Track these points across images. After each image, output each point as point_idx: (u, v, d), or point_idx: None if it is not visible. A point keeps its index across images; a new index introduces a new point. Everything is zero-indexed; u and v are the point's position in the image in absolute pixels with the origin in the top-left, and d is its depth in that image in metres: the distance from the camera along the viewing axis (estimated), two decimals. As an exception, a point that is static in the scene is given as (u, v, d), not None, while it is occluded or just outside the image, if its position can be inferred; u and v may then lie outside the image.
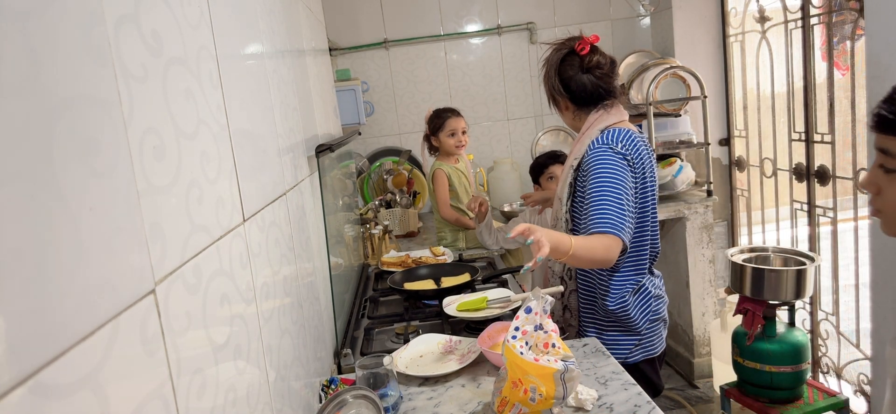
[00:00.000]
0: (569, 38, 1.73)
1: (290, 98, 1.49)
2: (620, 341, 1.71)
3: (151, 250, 0.64)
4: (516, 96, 3.74)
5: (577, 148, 1.71)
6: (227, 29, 1.02)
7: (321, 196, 1.72)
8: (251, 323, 0.95)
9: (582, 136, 1.70)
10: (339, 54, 3.55)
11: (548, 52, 1.77)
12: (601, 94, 1.69)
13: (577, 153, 1.69)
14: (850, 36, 2.49)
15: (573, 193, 1.70)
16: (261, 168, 1.13)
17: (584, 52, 1.68)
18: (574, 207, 1.70)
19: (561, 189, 1.73)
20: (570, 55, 1.71)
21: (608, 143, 1.61)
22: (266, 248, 1.10)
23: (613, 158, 1.59)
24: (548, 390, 1.15)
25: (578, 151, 1.68)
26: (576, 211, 1.69)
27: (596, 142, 1.63)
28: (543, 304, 1.22)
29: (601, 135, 1.64)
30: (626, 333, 1.71)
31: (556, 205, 1.75)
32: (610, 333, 1.72)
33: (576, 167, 1.68)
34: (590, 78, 1.68)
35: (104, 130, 0.58)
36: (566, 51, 1.71)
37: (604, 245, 1.52)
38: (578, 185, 1.68)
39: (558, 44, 1.74)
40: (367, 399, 1.17)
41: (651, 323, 1.72)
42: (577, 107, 1.73)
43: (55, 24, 0.52)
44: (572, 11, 3.64)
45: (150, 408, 0.60)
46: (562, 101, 1.75)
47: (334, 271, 1.76)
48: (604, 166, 1.59)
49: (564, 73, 1.71)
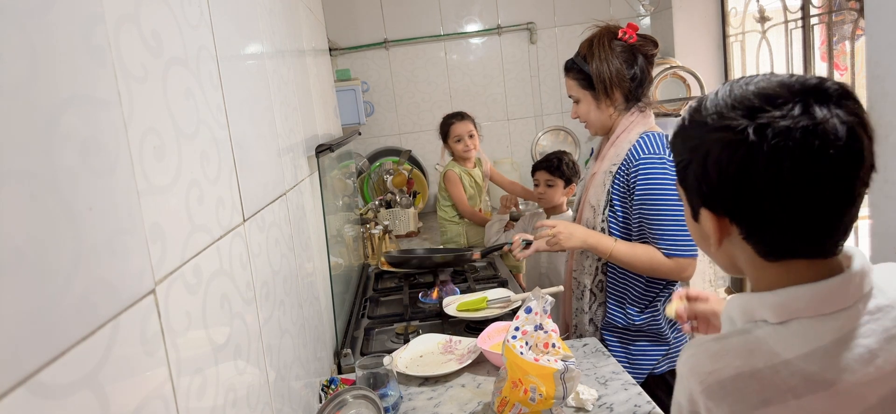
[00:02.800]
0: (606, 27, 1.61)
1: (290, 98, 1.49)
2: (649, 352, 1.62)
3: (151, 250, 0.64)
4: (516, 96, 3.74)
5: (611, 152, 1.59)
6: (228, 29, 1.02)
7: (321, 196, 1.72)
8: (251, 323, 0.95)
9: (617, 140, 1.59)
10: (339, 54, 3.55)
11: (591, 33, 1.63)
12: (644, 90, 1.60)
13: (612, 158, 1.58)
14: (850, 36, 2.49)
15: (610, 202, 1.58)
16: (261, 168, 1.13)
17: (632, 40, 1.56)
18: (613, 216, 1.58)
19: (595, 197, 1.61)
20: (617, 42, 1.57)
21: (662, 153, 1.51)
22: (266, 248, 1.10)
23: (671, 168, 1.48)
24: (548, 390, 1.15)
25: (615, 156, 1.57)
26: (614, 220, 1.58)
27: (645, 149, 1.52)
28: (543, 304, 1.21)
29: (647, 142, 1.53)
30: (655, 343, 1.62)
31: (588, 213, 1.63)
32: (638, 345, 1.62)
33: (614, 173, 1.57)
34: (642, 67, 1.58)
35: (104, 130, 0.58)
36: (612, 37, 1.58)
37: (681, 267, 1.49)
38: (618, 192, 1.57)
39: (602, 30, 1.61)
40: (367, 399, 1.17)
41: (678, 331, 1.65)
42: (626, 102, 1.60)
43: (55, 24, 0.52)
44: (572, 11, 3.64)
45: (150, 408, 0.60)
46: (617, 93, 1.59)
47: (334, 271, 1.76)
48: (665, 178, 1.49)
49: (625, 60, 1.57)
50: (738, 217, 0.67)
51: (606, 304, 1.66)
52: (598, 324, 1.68)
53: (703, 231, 0.73)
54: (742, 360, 0.64)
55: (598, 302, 1.67)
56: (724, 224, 0.69)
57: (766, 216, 0.65)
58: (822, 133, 0.60)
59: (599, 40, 1.60)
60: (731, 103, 0.65)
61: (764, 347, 0.64)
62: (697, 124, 0.69)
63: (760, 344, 0.65)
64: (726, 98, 0.66)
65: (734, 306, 0.73)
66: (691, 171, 0.70)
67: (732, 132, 0.63)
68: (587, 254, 1.65)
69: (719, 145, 0.65)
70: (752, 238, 0.68)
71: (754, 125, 0.62)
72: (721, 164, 0.65)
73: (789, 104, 0.62)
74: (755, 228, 0.67)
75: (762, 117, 0.62)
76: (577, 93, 1.65)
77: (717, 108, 0.66)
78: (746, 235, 0.68)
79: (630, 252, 1.53)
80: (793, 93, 0.63)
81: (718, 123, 0.65)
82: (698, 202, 0.71)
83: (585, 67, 1.61)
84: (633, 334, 1.63)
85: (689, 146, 0.70)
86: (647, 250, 1.52)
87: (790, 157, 0.60)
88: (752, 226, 0.67)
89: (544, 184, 2.39)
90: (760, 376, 0.63)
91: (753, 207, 0.65)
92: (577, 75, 1.64)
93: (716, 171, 0.66)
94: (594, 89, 1.61)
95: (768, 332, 0.66)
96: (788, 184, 0.61)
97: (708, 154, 0.66)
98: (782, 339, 0.64)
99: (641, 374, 1.62)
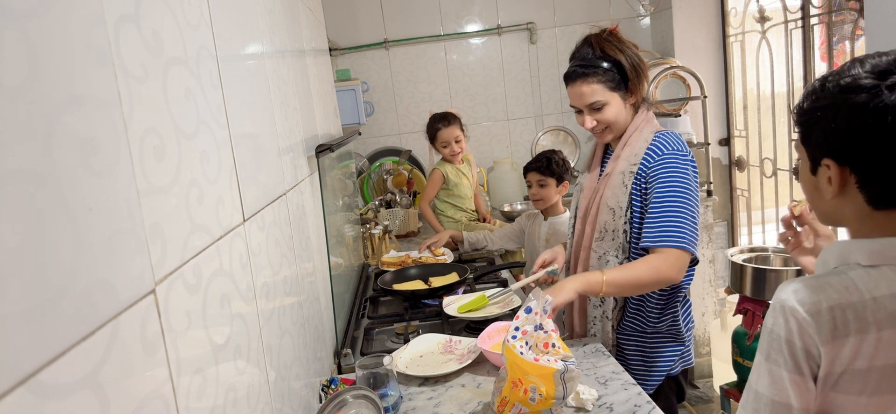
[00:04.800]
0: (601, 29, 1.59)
1: (290, 98, 1.49)
2: (667, 353, 1.59)
3: (151, 250, 0.64)
4: (516, 96, 3.74)
5: (626, 152, 1.55)
6: (227, 29, 1.02)
7: (321, 196, 1.72)
8: (251, 323, 0.95)
9: (630, 140, 1.56)
10: (339, 54, 3.55)
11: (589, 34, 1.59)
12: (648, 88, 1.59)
13: (629, 158, 1.54)
14: (850, 36, 2.49)
15: (631, 203, 1.53)
16: (261, 168, 1.13)
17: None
18: (635, 218, 1.54)
19: (613, 199, 1.56)
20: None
21: (678, 150, 1.49)
22: (266, 248, 1.10)
23: (690, 167, 1.48)
24: (548, 390, 1.15)
25: (633, 157, 1.54)
26: (638, 221, 1.53)
27: (668, 146, 1.50)
28: (543, 303, 1.22)
29: (668, 140, 1.51)
30: (674, 343, 1.60)
31: (606, 215, 1.57)
32: (657, 347, 1.59)
33: (635, 174, 1.52)
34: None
35: (104, 130, 0.58)
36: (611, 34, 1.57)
37: (669, 263, 1.43)
38: (638, 192, 1.52)
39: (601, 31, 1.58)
40: (367, 399, 1.17)
41: (690, 331, 1.64)
42: (643, 99, 1.58)
43: (55, 24, 0.52)
44: (572, 11, 3.64)
45: (150, 408, 0.60)
46: (639, 89, 1.56)
47: (334, 271, 1.76)
48: (685, 175, 1.47)
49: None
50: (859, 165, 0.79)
51: (625, 308, 1.63)
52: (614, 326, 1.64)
53: (819, 183, 0.84)
54: (838, 294, 0.77)
55: (618, 306, 1.62)
56: (845, 173, 0.80)
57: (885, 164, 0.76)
58: None
59: (615, 35, 1.56)
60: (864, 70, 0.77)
61: (858, 284, 0.77)
62: (829, 89, 0.80)
63: (855, 282, 0.77)
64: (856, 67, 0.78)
65: (831, 251, 0.85)
66: (819, 127, 0.81)
67: (866, 92, 0.75)
68: (606, 258, 1.58)
69: (851, 103, 0.77)
70: (867, 185, 0.79)
71: (886, 84, 0.74)
72: (852, 117, 0.77)
73: None
74: (872, 174, 0.78)
75: (892, 79, 0.74)
76: (603, 96, 1.54)
77: (848, 74, 0.78)
78: (861, 183, 0.79)
79: (625, 272, 1.47)
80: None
81: (852, 84, 0.77)
82: (822, 154, 0.82)
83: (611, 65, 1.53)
84: (651, 337, 1.60)
85: (820, 105, 0.81)
86: (643, 260, 1.47)
87: None
88: (870, 173, 0.78)
89: (537, 185, 2.39)
90: (853, 308, 0.75)
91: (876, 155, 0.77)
92: (603, 77, 1.53)
93: (846, 122, 0.77)
94: (623, 89, 1.55)
95: (860, 274, 0.78)
96: None
97: (839, 109, 0.78)
98: (872, 280, 0.77)
99: (659, 376, 1.59)
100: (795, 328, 0.78)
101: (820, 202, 0.87)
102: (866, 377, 0.75)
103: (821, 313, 0.76)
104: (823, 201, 0.85)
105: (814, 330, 0.76)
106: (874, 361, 0.75)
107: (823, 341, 0.76)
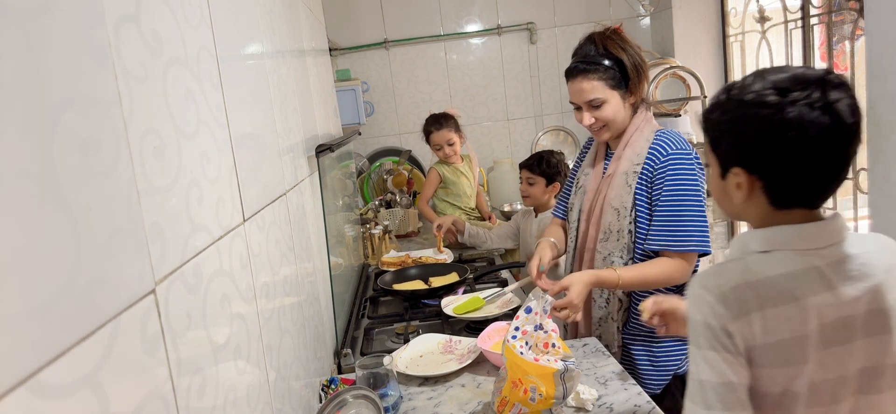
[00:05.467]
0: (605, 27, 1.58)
1: (290, 98, 1.49)
2: (675, 353, 1.58)
3: (151, 250, 0.64)
4: (516, 96, 3.74)
5: (628, 153, 1.56)
6: (228, 29, 1.02)
7: (321, 196, 1.72)
8: (251, 323, 0.95)
9: (632, 140, 1.56)
10: (339, 54, 3.55)
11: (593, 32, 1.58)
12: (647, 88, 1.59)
13: (632, 158, 1.54)
14: (850, 36, 2.49)
15: (635, 203, 1.53)
16: (261, 168, 1.13)
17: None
18: (640, 218, 1.53)
19: (617, 199, 1.55)
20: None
21: (682, 149, 1.49)
22: (266, 248, 1.10)
23: (697, 166, 1.49)
24: (548, 390, 1.15)
25: (636, 156, 1.54)
26: (643, 221, 1.53)
27: (673, 146, 1.50)
28: (543, 303, 1.21)
29: (672, 139, 1.52)
30: (680, 342, 1.57)
31: (610, 216, 1.57)
32: (663, 346, 1.58)
33: (639, 174, 1.52)
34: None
35: (104, 130, 0.58)
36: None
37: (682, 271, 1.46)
38: (642, 192, 1.52)
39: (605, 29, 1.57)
40: (367, 399, 1.17)
41: None
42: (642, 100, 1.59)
43: (55, 24, 0.52)
44: (572, 11, 3.64)
45: (150, 408, 0.60)
46: (639, 89, 1.57)
47: (334, 271, 1.76)
48: (692, 174, 1.47)
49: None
50: (766, 174, 0.87)
51: (630, 309, 1.62)
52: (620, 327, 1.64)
53: (728, 187, 0.91)
54: (737, 275, 0.85)
55: (623, 308, 1.62)
56: (753, 180, 0.88)
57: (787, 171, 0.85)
58: (835, 110, 0.80)
59: (618, 34, 1.56)
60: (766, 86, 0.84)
61: (754, 267, 0.86)
62: (736, 101, 0.87)
63: (749, 265, 0.86)
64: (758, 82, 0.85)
65: (735, 244, 0.94)
66: (728, 138, 0.89)
67: (770, 107, 0.83)
68: (610, 259, 1.57)
69: (757, 117, 0.84)
70: (771, 190, 0.87)
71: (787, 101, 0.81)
72: (759, 130, 0.84)
73: (811, 87, 0.81)
74: (776, 182, 0.86)
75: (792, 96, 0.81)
76: (603, 94, 1.54)
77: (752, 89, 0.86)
78: (767, 188, 0.87)
79: (639, 272, 1.49)
80: (810, 80, 0.82)
81: (757, 99, 0.84)
82: (732, 163, 0.90)
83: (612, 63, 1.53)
84: (657, 336, 1.57)
85: (726, 118, 0.89)
86: (656, 263, 1.49)
87: (813, 126, 0.80)
88: (775, 180, 0.86)
89: (526, 182, 2.47)
90: (751, 287, 0.83)
91: (780, 165, 0.85)
92: (604, 75, 1.53)
93: (754, 136, 0.85)
94: (623, 88, 1.55)
95: (755, 258, 0.87)
96: (809, 146, 0.81)
97: (747, 122, 0.86)
98: (766, 262, 0.86)
99: (666, 375, 1.59)
100: (708, 311, 0.85)
101: (728, 204, 0.95)
102: (773, 350, 0.83)
103: (726, 294, 0.84)
104: (731, 204, 0.93)
105: (723, 310, 0.83)
106: (777, 335, 0.82)
107: (732, 319, 0.83)
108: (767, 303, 0.83)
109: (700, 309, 0.86)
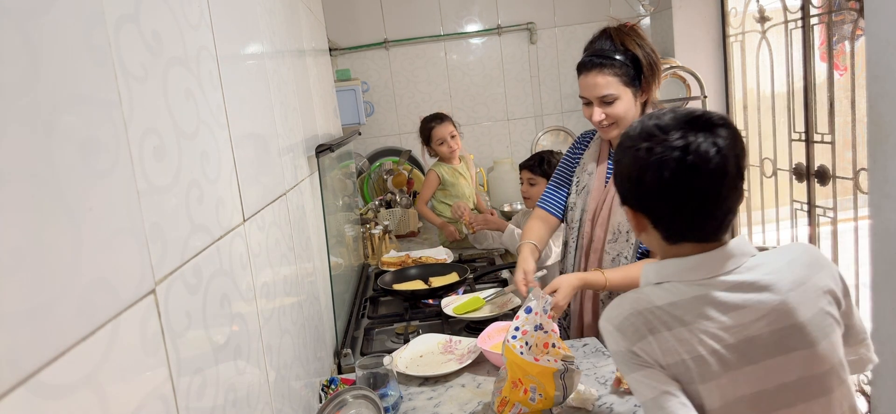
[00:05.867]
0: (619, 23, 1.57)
1: (290, 98, 1.49)
2: None
3: (151, 250, 0.64)
4: (516, 96, 3.74)
5: None
6: (228, 29, 1.02)
7: (321, 196, 1.72)
8: (251, 323, 0.95)
9: None
10: (339, 54, 3.55)
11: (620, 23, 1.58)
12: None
13: None
14: (850, 36, 2.49)
15: None
16: (261, 168, 1.13)
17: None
18: None
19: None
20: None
21: None
22: (266, 248, 1.10)
23: None
24: (548, 390, 1.15)
25: None
26: None
27: None
28: (543, 303, 1.21)
29: None
30: None
31: (620, 217, 1.56)
32: None
33: None
34: None
35: (104, 130, 0.58)
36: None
37: None
38: None
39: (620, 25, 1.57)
40: (367, 399, 1.17)
41: None
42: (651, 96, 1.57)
43: (55, 24, 0.52)
44: (572, 11, 3.64)
45: (150, 408, 0.60)
46: (651, 88, 1.55)
47: (334, 271, 1.76)
48: None
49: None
50: (644, 211, 0.94)
51: None
52: None
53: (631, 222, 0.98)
54: (631, 304, 0.91)
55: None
56: (639, 216, 0.95)
57: (659, 211, 0.92)
58: (693, 151, 0.86)
59: (635, 30, 1.54)
60: (638, 133, 0.91)
61: (645, 298, 0.91)
62: (620, 146, 0.95)
63: (644, 296, 0.91)
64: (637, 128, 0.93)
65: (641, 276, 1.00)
66: (616, 175, 0.98)
67: (635, 151, 0.90)
68: (620, 260, 1.57)
69: (628, 161, 0.93)
70: (656, 227, 0.94)
71: (648, 146, 0.88)
72: (631, 173, 0.92)
73: (674, 132, 0.87)
74: (654, 219, 0.93)
75: (654, 141, 0.88)
76: (617, 90, 1.51)
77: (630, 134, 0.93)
78: (653, 224, 0.94)
79: (625, 273, 1.49)
80: (679, 124, 0.88)
81: (629, 144, 0.92)
82: (622, 201, 0.97)
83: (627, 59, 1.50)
84: None
85: (617, 155, 0.97)
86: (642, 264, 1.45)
87: (667, 169, 0.87)
88: (652, 217, 0.93)
89: (527, 182, 2.46)
90: (643, 315, 0.89)
91: (650, 204, 0.92)
92: (619, 70, 1.50)
93: (627, 178, 0.93)
94: (636, 85, 1.52)
95: (650, 289, 0.93)
96: (669, 187, 0.88)
97: (622, 166, 0.94)
98: (656, 293, 0.91)
99: None
100: (613, 341, 0.91)
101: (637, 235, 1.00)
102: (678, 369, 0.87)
103: (621, 324, 0.90)
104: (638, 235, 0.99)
105: (621, 337, 0.90)
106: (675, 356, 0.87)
107: (632, 343, 0.88)
108: (658, 327, 0.87)
109: (609, 340, 0.93)
